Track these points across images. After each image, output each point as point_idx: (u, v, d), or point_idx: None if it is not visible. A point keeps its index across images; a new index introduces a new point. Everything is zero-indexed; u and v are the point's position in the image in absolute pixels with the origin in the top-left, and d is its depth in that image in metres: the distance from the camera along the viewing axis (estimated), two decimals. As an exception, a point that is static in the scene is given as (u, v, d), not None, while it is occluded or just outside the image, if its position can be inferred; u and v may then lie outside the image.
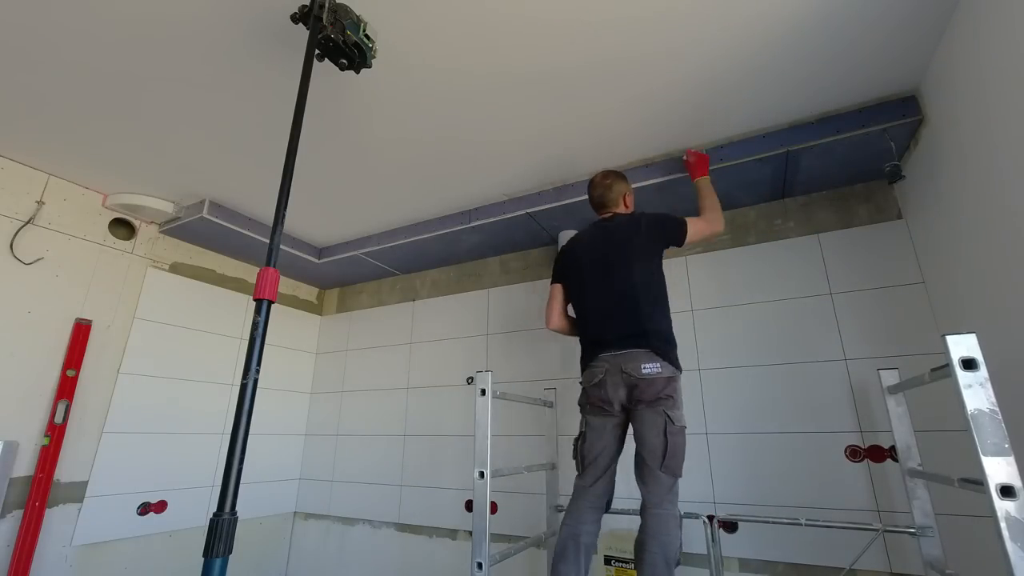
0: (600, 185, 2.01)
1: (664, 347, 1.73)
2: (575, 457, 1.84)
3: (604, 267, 1.86)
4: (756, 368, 2.29)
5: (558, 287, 2.04)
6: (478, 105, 1.95)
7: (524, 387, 2.77)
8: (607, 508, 1.81)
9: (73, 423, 2.39)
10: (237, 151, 2.26)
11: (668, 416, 1.65)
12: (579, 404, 1.89)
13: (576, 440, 1.86)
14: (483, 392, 1.83)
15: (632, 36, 1.63)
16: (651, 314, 1.76)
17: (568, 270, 2.02)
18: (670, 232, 1.88)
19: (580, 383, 1.88)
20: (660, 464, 1.62)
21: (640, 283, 1.80)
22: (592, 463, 1.78)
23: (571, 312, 2.05)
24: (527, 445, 2.70)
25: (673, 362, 1.72)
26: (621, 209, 2.00)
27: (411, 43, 1.65)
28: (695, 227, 1.90)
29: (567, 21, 1.57)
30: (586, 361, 1.86)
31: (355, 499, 3.22)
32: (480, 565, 1.65)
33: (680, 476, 1.66)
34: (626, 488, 2.04)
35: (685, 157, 2.14)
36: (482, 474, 1.74)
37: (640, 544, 1.60)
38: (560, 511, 2.24)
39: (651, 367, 1.67)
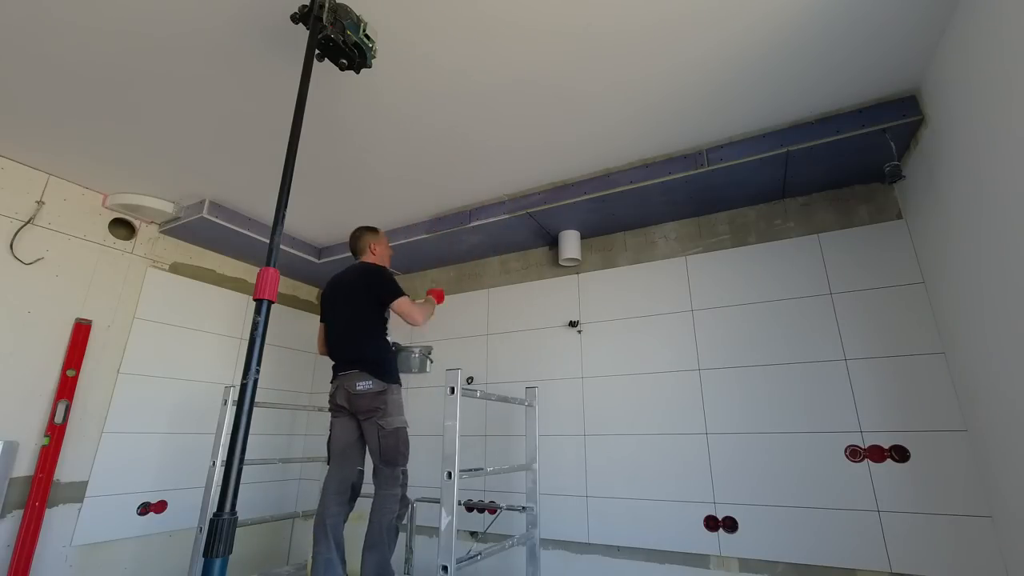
0: (351, 236, 2.46)
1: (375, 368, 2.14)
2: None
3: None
4: (756, 368, 2.29)
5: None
6: (478, 105, 1.96)
7: (521, 388, 2.76)
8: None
9: (73, 423, 2.39)
10: (237, 151, 2.26)
11: (379, 424, 2.07)
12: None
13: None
14: (452, 391, 1.79)
15: (632, 36, 1.63)
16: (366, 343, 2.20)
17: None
18: (386, 296, 2.25)
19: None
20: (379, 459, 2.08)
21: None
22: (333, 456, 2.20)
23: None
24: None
25: (382, 377, 2.12)
26: (367, 256, 2.41)
27: (411, 43, 1.65)
28: (401, 306, 2.24)
29: (565, 22, 1.57)
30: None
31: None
32: (445, 568, 1.62)
33: (401, 466, 2.10)
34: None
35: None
36: (450, 474, 1.72)
37: (370, 517, 2.06)
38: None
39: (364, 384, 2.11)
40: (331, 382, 2.25)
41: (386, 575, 1.98)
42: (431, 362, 2.86)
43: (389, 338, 2.30)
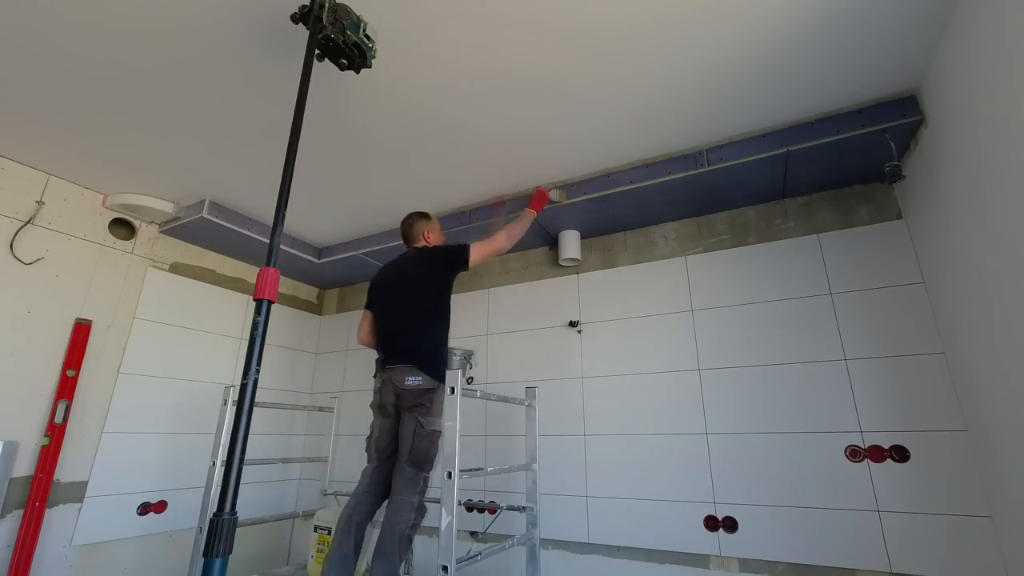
0: (403, 224, 2.36)
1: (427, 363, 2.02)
2: (367, 450, 2.16)
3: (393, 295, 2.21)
4: (756, 368, 2.29)
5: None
6: (478, 105, 1.96)
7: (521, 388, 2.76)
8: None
9: (73, 423, 2.40)
10: (237, 151, 2.27)
11: (419, 421, 1.96)
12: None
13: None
14: (452, 391, 1.78)
15: (631, 36, 1.63)
16: (422, 335, 2.08)
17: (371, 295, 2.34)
18: (455, 258, 2.16)
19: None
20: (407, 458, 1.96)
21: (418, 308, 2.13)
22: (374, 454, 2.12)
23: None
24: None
25: (433, 374, 2.00)
26: (420, 243, 2.31)
27: (411, 43, 1.65)
28: (478, 250, 2.18)
29: (565, 22, 1.57)
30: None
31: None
32: (445, 568, 1.62)
33: (426, 472, 1.98)
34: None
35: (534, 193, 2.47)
36: (450, 474, 1.71)
37: (383, 522, 1.92)
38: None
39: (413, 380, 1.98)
40: (375, 376, 2.15)
41: None
42: (472, 366, 2.81)
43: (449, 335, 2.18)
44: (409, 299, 2.12)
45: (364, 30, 1.50)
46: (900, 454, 1.95)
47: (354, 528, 1.99)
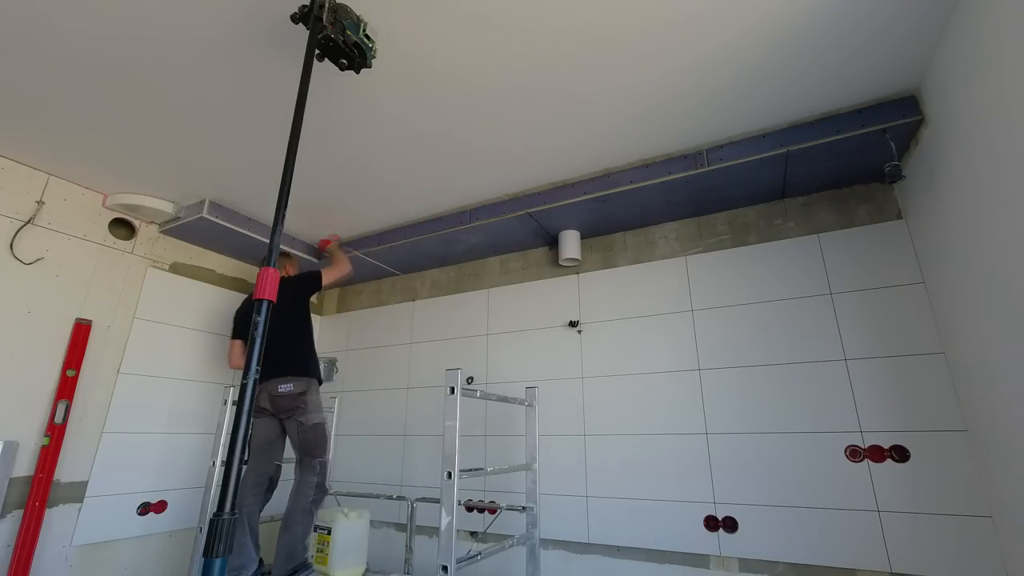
0: None
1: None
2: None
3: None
4: (756, 368, 2.29)
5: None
6: (478, 105, 1.95)
7: (521, 388, 2.77)
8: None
9: (73, 423, 2.39)
10: (237, 151, 2.26)
11: (299, 421, 2.32)
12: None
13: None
14: (452, 391, 1.79)
15: (631, 36, 1.63)
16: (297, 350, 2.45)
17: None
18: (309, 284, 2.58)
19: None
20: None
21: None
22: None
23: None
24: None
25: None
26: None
27: (411, 43, 1.65)
28: (327, 275, 2.62)
29: (566, 23, 1.57)
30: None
31: (358, 500, 3.22)
32: (445, 568, 1.62)
33: (321, 457, 2.33)
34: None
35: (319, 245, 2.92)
36: (450, 474, 1.71)
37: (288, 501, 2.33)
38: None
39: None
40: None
41: (296, 552, 2.19)
42: (336, 371, 3.26)
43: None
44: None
45: (364, 30, 1.50)
46: (900, 454, 1.95)
47: (246, 520, 2.33)
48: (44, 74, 1.79)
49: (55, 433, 2.31)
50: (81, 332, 2.47)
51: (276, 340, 2.36)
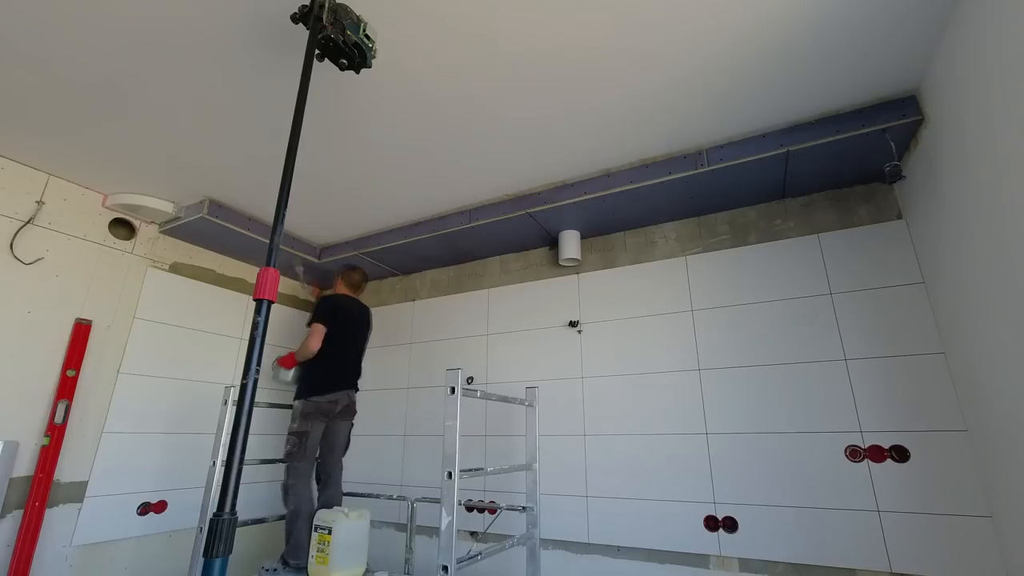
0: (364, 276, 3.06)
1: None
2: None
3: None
4: (756, 368, 2.29)
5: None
6: (478, 105, 1.95)
7: (521, 388, 2.77)
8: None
9: (73, 423, 2.39)
10: (237, 151, 2.26)
11: (352, 423, 2.83)
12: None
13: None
14: (452, 391, 1.79)
15: (631, 36, 1.63)
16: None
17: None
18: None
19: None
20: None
21: None
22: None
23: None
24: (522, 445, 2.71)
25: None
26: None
27: (411, 43, 1.65)
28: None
29: (566, 20, 1.57)
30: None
31: (358, 500, 3.21)
32: (445, 568, 1.63)
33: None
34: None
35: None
36: (450, 474, 1.71)
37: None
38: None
39: None
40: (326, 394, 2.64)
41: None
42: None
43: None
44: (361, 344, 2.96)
45: (364, 30, 1.49)
46: (900, 454, 1.95)
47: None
48: (45, 74, 1.79)
49: (55, 433, 2.31)
50: (81, 332, 2.47)
51: (356, 356, 2.84)
